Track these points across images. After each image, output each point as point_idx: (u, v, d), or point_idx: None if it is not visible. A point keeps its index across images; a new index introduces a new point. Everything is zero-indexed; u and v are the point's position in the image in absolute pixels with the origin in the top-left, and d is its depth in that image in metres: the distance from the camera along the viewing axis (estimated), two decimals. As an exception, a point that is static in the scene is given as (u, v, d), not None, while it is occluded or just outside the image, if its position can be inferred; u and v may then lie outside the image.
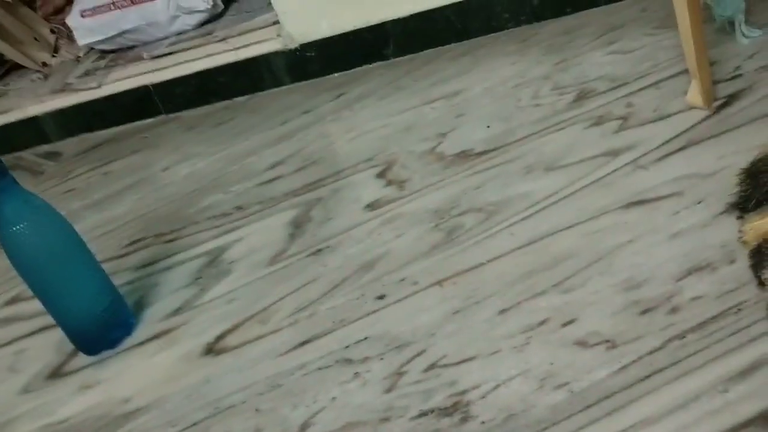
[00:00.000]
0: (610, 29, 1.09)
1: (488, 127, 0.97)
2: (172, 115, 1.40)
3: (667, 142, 0.83)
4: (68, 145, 1.45)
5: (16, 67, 1.68)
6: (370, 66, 1.27)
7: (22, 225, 0.73)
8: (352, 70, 1.28)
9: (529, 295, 0.70)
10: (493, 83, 1.06)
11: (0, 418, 0.78)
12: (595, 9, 1.15)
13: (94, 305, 0.79)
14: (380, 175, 0.97)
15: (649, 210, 0.75)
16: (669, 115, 0.87)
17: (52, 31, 1.67)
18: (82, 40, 1.51)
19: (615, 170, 0.82)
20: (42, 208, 0.75)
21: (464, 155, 0.93)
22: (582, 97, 0.96)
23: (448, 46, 1.22)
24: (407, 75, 1.19)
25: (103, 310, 0.80)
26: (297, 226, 0.93)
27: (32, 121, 1.47)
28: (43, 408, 0.78)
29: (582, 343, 0.63)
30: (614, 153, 0.84)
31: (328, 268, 0.84)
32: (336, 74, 1.29)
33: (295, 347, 0.74)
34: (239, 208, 1.01)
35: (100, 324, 0.80)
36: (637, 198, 0.77)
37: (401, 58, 1.25)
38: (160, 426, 0.70)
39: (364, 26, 1.25)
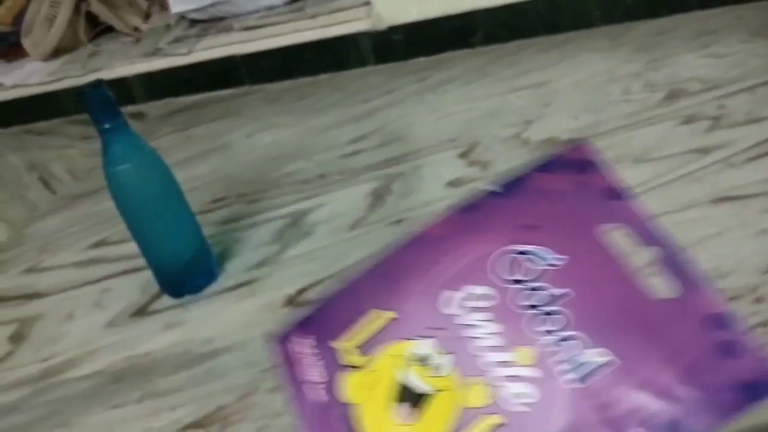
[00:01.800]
0: (703, 33, 1.09)
1: (576, 118, 0.97)
2: (255, 87, 1.44)
3: (759, 144, 0.83)
4: (153, 108, 1.50)
5: (109, 30, 1.75)
6: (456, 53, 1.28)
7: (128, 165, 0.77)
8: (438, 56, 1.29)
9: (612, 277, 0.71)
10: (581, 77, 1.07)
11: (85, 348, 0.82)
12: (689, 13, 1.15)
13: (185, 249, 0.82)
14: (463, 155, 0.98)
15: (737, 206, 0.75)
16: (762, 119, 0.87)
17: (146, -2, 1.73)
18: (176, 7, 1.56)
19: (704, 166, 0.82)
20: (148, 152, 0.79)
21: (550, 142, 0.94)
22: (673, 96, 0.96)
23: (536, 38, 1.23)
24: (493, 63, 1.20)
25: (192, 256, 0.83)
26: (377, 197, 0.95)
27: (121, 82, 1.53)
28: (126, 342, 0.81)
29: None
30: (704, 150, 0.84)
31: (408, 238, 0.86)
32: (421, 58, 1.31)
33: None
34: (321, 176, 1.04)
35: (188, 269, 0.83)
36: (725, 194, 0.77)
37: (488, 47, 1.26)
38: (240, 366, 0.72)
39: (453, 13, 1.27)
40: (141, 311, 0.85)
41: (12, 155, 1.43)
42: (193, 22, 1.59)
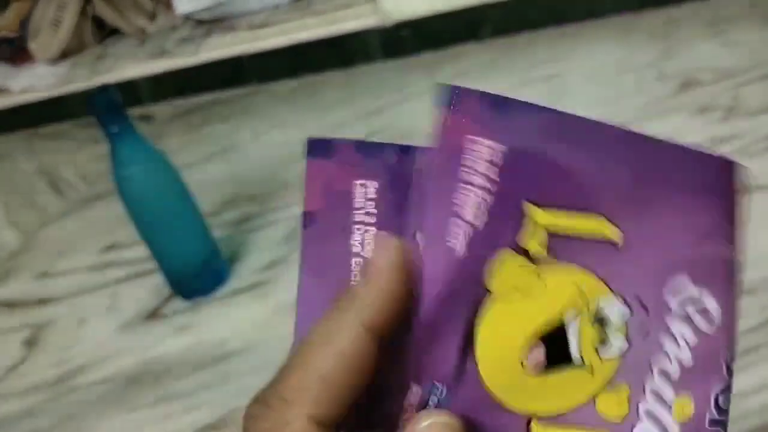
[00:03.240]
0: (717, 22, 1.07)
1: (588, 110, 0.96)
2: (263, 86, 1.43)
3: (776, 133, 0.81)
4: (161, 109, 1.49)
5: (115, 32, 1.74)
6: (466, 46, 1.27)
7: (136, 169, 0.76)
8: (447, 50, 1.28)
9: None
10: (593, 68, 1.05)
11: (100, 352, 0.82)
12: (702, 1, 1.13)
13: (194, 252, 0.82)
14: (474, 150, 0.97)
15: (754, 197, 0.74)
16: (778, 108, 0.85)
17: (152, -1, 1.72)
18: (181, 8, 1.55)
19: (720, 157, 0.81)
20: (156, 155, 0.78)
21: (562, 135, 0.93)
22: (687, 85, 0.94)
23: (546, 29, 1.22)
24: (504, 56, 1.19)
25: (202, 258, 0.83)
26: (389, 195, 0.94)
27: (128, 84, 1.52)
28: (140, 345, 0.81)
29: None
30: (719, 140, 0.83)
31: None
32: (430, 53, 1.30)
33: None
34: (331, 174, 1.03)
35: (199, 271, 0.83)
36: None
37: (498, 40, 1.25)
38: (253, 367, 0.72)
39: (461, 7, 1.26)
40: (153, 314, 0.85)
41: (21, 160, 1.43)
42: (199, 23, 1.59)
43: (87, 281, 0.96)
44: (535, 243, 0.25)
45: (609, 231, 0.25)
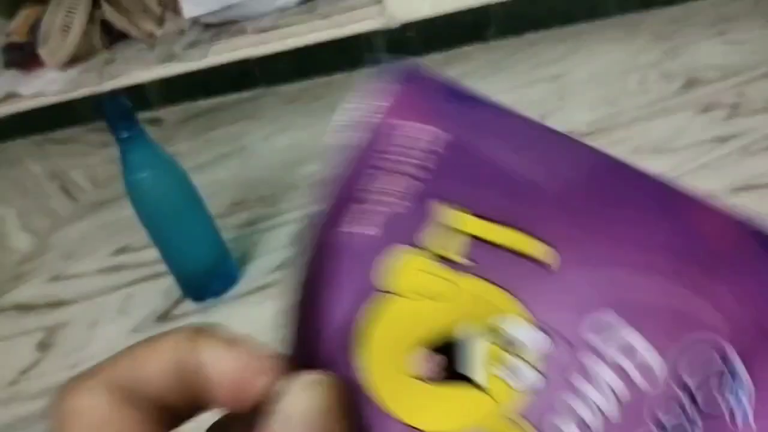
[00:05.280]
0: (720, 20, 1.07)
1: (593, 110, 0.97)
2: (271, 89, 1.44)
3: (780, 131, 0.82)
4: (170, 113, 1.51)
5: (123, 37, 1.76)
6: (470, 47, 1.28)
7: (146, 173, 0.77)
8: (452, 51, 1.29)
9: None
10: (597, 68, 1.06)
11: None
12: (705, 1, 1.14)
13: (204, 254, 0.83)
14: (480, 151, 0.98)
15: (758, 195, 0.74)
16: (782, 106, 0.86)
17: (159, 3, 1.74)
18: (189, 12, 1.56)
19: (723, 155, 0.81)
20: (166, 159, 0.79)
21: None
22: (690, 84, 0.95)
23: (550, 30, 1.22)
24: (508, 57, 1.20)
25: (213, 261, 0.84)
26: (396, 196, 0.95)
27: (137, 88, 1.54)
28: (152, 347, 0.82)
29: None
30: (723, 139, 0.83)
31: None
32: (435, 54, 1.31)
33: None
34: (339, 176, 1.04)
35: (209, 273, 0.84)
36: (745, 183, 0.76)
37: (502, 40, 1.26)
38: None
39: (466, 7, 1.26)
40: (164, 316, 0.86)
41: (33, 164, 1.45)
42: (207, 27, 1.60)
43: (99, 284, 0.97)
44: (453, 248, 0.22)
45: (539, 251, 0.22)
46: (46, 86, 1.60)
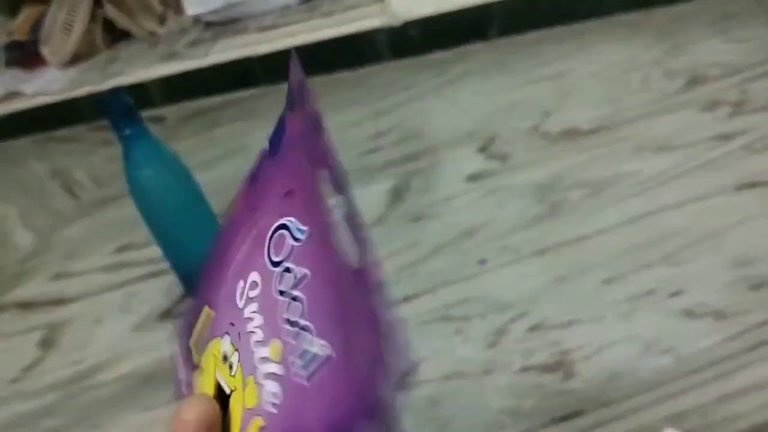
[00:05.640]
0: (723, 18, 1.07)
1: (595, 108, 0.97)
2: (273, 87, 1.44)
3: (783, 128, 0.82)
4: (172, 111, 1.51)
5: (125, 35, 1.76)
6: (473, 46, 1.28)
7: (149, 170, 0.77)
8: (454, 49, 1.29)
9: (636, 266, 0.70)
10: (600, 66, 1.06)
11: (114, 352, 0.83)
12: (708, -2, 1.14)
13: (207, 252, 0.83)
14: (482, 149, 0.98)
15: (761, 193, 0.74)
16: (785, 103, 0.86)
17: (161, 2, 1.74)
18: (191, 10, 1.56)
19: (727, 153, 0.81)
20: (169, 156, 0.79)
21: (570, 133, 0.94)
22: (694, 82, 0.95)
23: (553, 29, 1.22)
24: (511, 55, 1.20)
25: (215, 257, 0.83)
26: (397, 194, 0.95)
27: (139, 87, 1.54)
28: (154, 344, 0.82)
29: (690, 313, 0.64)
30: (727, 137, 0.83)
31: (429, 233, 0.86)
32: (437, 53, 1.30)
33: (397, 303, 0.76)
34: (341, 174, 1.04)
35: (211, 270, 0.84)
36: (749, 180, 0.76)
37: (505, 39, 1.25)
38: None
39: (468, 6, 1.26)
40: (167, 314, 0.86)
41: (35, 163, 1.45)
42: (209, 25, 1.60)
43: (101, 282, 0.97)
44: (195, 356, 0.34)
45: (207, 313, 0.35)
46: (48, 85, 1.60)
